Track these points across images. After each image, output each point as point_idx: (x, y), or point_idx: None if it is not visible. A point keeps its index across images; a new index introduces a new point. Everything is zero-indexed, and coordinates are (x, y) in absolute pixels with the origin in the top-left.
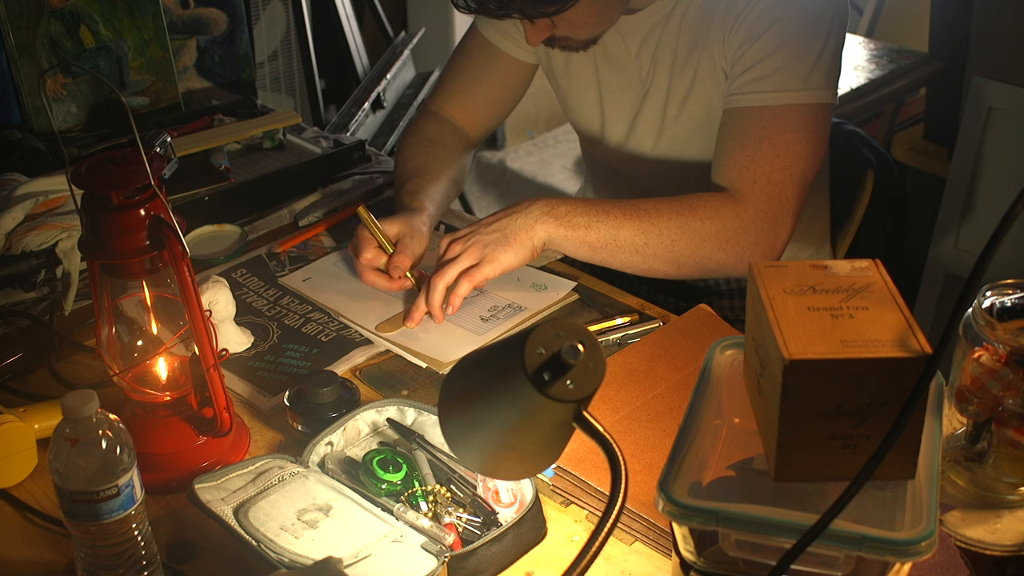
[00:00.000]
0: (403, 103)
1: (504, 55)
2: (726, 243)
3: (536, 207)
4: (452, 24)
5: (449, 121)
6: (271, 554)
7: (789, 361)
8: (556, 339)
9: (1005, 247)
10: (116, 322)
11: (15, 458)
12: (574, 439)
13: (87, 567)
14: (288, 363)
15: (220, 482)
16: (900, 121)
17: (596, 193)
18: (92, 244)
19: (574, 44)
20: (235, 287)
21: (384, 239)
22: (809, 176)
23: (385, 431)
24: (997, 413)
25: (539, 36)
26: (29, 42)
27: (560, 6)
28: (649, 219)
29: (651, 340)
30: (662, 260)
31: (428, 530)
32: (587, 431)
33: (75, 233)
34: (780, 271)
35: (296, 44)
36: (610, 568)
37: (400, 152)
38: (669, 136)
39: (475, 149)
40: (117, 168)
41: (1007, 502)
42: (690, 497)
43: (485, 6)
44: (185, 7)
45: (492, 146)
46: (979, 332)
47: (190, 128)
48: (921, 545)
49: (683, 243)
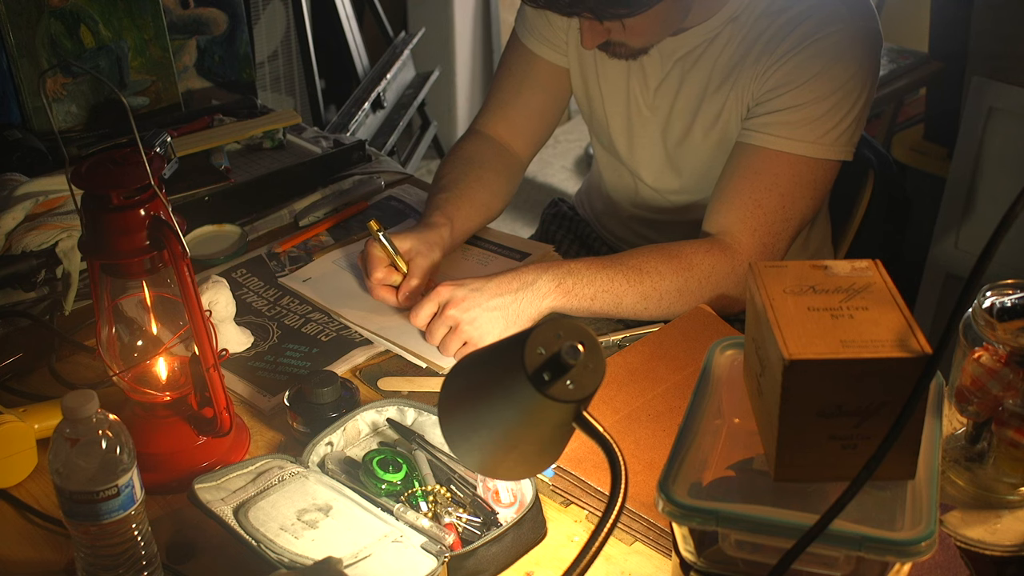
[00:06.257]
0: (403, 103)
1: (542, 61)
2: (719, 297)
3: (544, 282)
4: (452, 24)
5: (492, 139)
6: (271, 554)
7: (789, 361)
8: (556, 339)
9: (1005, 247)
10: (116, 322)
11: (15, 458)
12: (574, 439)
13: (87, 567)
14: (288, 363)
15: (220, 482)
16: (900, 121)
17: (602, 194)
18: (92, 244)
19: (625, 51)
20: (235, 287)
21: (397, 258)
22: (802, 226)
23: (385, 431)
24: (997, 413)
25: (596, 39)
26: (29, 42)
27: (633, 9)
28: (651, 283)
29: (651, 340)
30: (657, 316)
31: (428, 530)
32: (587, 431)
33: (75, 233)
34: (780, 271)
35: (296, 44)
36: (610, 568)
37: (437, 169)
38: (688, 156)
39: (523, 169)
40: (117, 168)
41: (1007, 502)
42: (690, 497)
43: (555, 3)
44: (185, 7)
45: None
46: (979, 332)
47: (190, 128)
48: (921, 545)
49: (680, 304)
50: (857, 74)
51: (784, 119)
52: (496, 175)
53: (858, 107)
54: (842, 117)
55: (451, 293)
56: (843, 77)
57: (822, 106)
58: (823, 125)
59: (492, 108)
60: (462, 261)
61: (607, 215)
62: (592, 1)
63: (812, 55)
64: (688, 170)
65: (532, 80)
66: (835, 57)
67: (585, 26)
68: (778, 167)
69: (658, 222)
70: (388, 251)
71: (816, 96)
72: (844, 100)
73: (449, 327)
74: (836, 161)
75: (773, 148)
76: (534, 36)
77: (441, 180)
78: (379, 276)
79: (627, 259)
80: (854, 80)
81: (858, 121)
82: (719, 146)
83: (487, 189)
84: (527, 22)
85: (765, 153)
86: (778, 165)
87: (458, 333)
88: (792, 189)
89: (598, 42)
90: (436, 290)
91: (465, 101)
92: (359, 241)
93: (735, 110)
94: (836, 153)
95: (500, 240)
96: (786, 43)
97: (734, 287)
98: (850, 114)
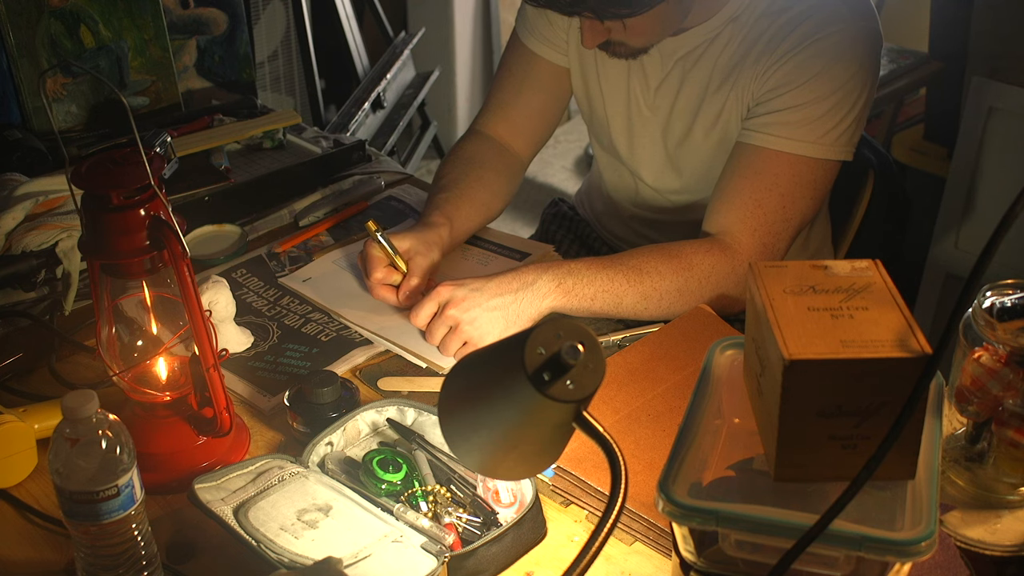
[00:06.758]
0: (403, 103)
1: (542, 61)
2: (718, 296)
3: (544, 282)
4: (452, 24)
5: (493, 139)
6: (271, 554)
7: (789, 361)
8: (556, 339)
9: (1005, 247)
10: (116, 322)
11: (15, 458)
12: (574, 439)
13: (87, 567)
14: (288, 363)
15: (220, 482)
16: (900, 121)
17: (603, 194)
18: (92, 244)
19: (626, 51)
20: (235, 287)
21: (396, 258)
22: (802, 226)
23: (385, 431)
24: (997, 413)
25: (597, 38)
26: (29, 42)
27: (634, 8)
28: (651, 283)
29: (651, 340)
30: (657, 316)
31: (428, 530)
32: (587, 431)
33: (75, 233)
34: (780, 271)
35: (296, 44)
36: (610, 568)
37: (438, 169)
38: (689, 156)
39: (524, 169)
40: (117, 168)
41: (1007, 502)
42: (690, 497)
43: (556, 2)
44: (185, 7)
45: None
46: (979, 332)
47: (190, 128)
48: (921, 545)
49: (680, 304)
50: (857, 74)
51: (784, 119)
52: (496, 175)
53: (858, 107)
54: (842, 117)
55: (451, 293)
56: (843, 77)
57: (822, 106)
58: (823, 125)
59: (492, 108)
60: (462, 261)
61: (607, 215)
62: (593, 0)
63: (812, 55)
64: (688, 170)
65: (532, 80)
66: (835, 57)
67: (586, 25)
68: (778, 167)
69: (658, 222)
70: (387, 251)
71: (816, 96)
72: (844, 100)
73: (449, 327)
74: (836, 161)
75: (773, 148)
76: (534, 36)
77: (441, 180)
78: (378, 276)
79: (627, 259)
80: (854, 80)
81: (858, 121)
82: (719, 146)
83: (487, 189)
84: (527, 22)
85: (765, 153)
86: (778, 165)
87: (458, 333)
88: (792, 189)
89: (599, 41)
90: (436, 290)
91: (465, 101)
92: (359, 241)
93: (735, 110)
94: (836, 153)
95: (500, 240)
96: (786, 43)
97: (734, 287)
98: (850, 114)
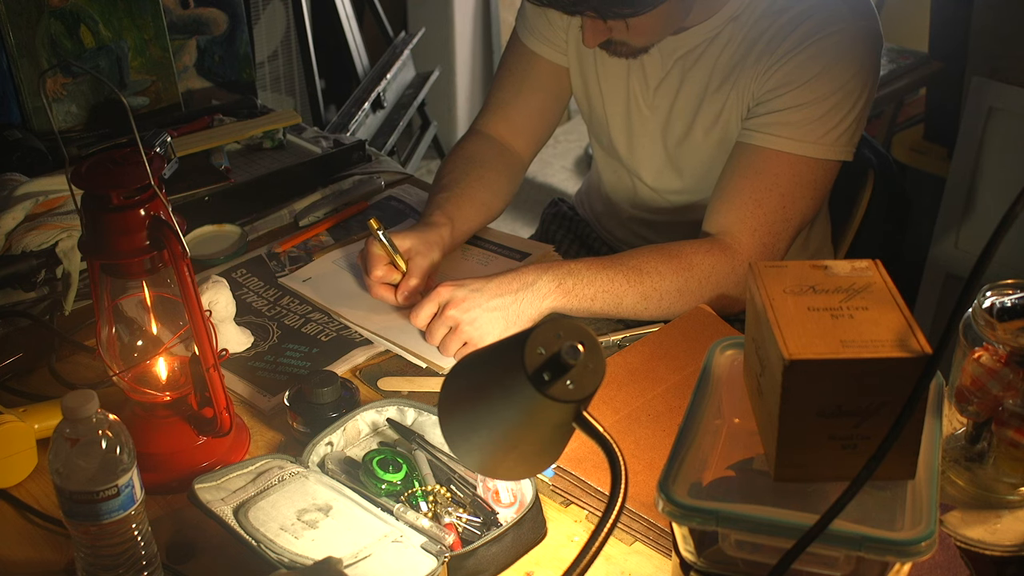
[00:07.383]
0: (403, 103)
1: (542, 60)
2: (719, 297)
3: (544, 282)
4: (452, 24)
5: (493, 139)
6: (271, 554)
7: (789, 361)
8: (556, 339)
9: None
10: (116, 322)
11: (15, 458)
12: (574, 439)
13: (87, 567)
14: (288, 363)
15: (220, 482)
16: (900, 121)
17: (602, 195)
18: (92, 244)
19: (626, 50)
20: (235, 287)
21: (396, 257)
22: (802, 226)
23: (385, 431)
24: (997, 413)
25: (598, 38)
26: (29, 42)
27: (637, 8)
28: (651, 283)
29: (651, 340)
30: (657, 316)
31: (428, 530)
32: (587, 431)
33: (75, 233)
34: (780, 271)
35: (296, 44)
36: (610, 568)
37: (438, 169)
38: (689, 156)
39: (524, 168)
40: (117, 168)
41: (1007, 502)
42: (690, 497)
43: (559, 1)
44: (185, 7)
45: None
46: (979, 332)
47: (190, 128)
48: (921, 545)
49: (680, 304)
50: (858, 74)
51: (785, 119)
52: (497, 175)
53: (859, 107)
54: (843, 117)
55: (451, 293)
56: (844, 77)
57: (823, 106)
58: (824, 125)
59: (493, 108)
60: (462, 261)
61: (607, 216)
62: (595, 0)
63: (813, 55)
64: (688, 170)
65: (532, 80)
66: (836, 57)
67: (587, 24)
68: (778, 167)
69: (658, 223)
70: (388, 249)
71: (817, 96)
72: (845, 100)
73: (449, 327)
74: (836, 161)
75: (773, 148)
76: (534, 36)
77: (442, 179)
78: (378, 274)
79: (627, 259)
80: (855, 80)
81: (858, 121)
82: (719, 146)
83: (488, 189)
84: (527, 21)
85: (766, 153)
86: (778, 165)
87: (458, 333)
88: (792, 189)
89: (600, 40)
90: (436, 290)
91: (465, 101)
92: (359, 241)
93: (735, 110)
94: (836, 153)
95: (500, 240)
96: (787, 43)
97: (734, 287)
98: (851, 114)
